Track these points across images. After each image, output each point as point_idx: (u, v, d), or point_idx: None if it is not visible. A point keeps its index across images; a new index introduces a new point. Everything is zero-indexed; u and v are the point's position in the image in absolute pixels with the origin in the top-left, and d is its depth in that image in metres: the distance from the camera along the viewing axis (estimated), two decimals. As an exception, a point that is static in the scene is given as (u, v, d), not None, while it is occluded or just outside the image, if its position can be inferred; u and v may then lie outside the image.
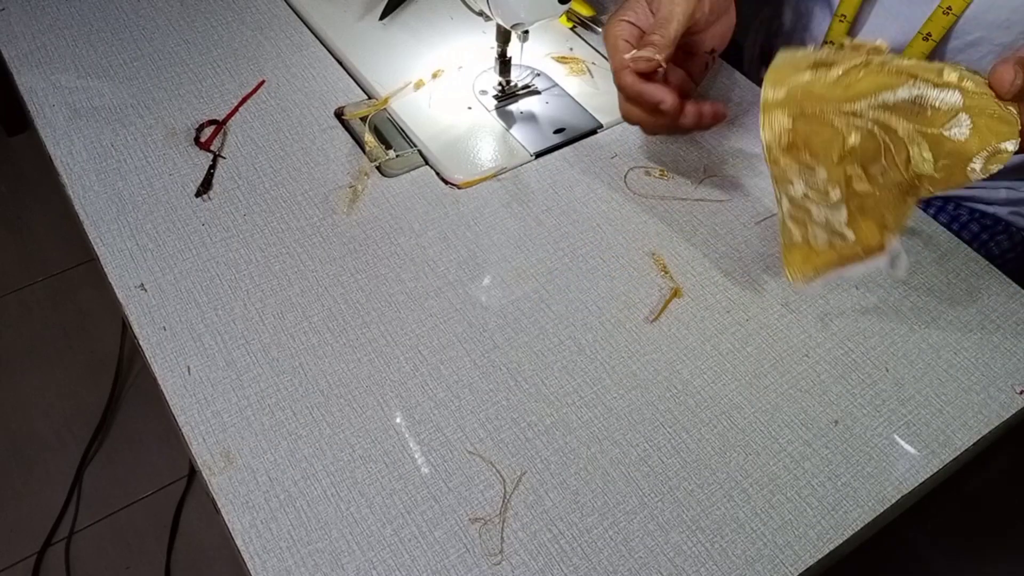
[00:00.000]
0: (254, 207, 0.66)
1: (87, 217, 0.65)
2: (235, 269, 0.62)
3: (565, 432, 0.55)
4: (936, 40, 0.69)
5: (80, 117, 0.72)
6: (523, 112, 0.75)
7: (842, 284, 0.64)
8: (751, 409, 0.57)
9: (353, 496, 0.52)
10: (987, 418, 0.57)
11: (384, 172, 0.70)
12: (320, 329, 0.59)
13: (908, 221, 0.58)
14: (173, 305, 0.60)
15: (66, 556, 1.23)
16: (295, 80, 0.76)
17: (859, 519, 0.52)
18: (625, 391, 0.57)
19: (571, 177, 0.70)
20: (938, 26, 0.69)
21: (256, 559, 0.49)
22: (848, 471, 0.54)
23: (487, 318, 0.60)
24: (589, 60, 0.80)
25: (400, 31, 0.82)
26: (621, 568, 0.50)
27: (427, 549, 0.50)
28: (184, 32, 0.80)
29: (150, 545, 1.24)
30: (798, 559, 0.50)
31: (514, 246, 0.65)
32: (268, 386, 0.56)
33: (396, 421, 0.55)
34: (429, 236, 0.65)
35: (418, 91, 0.76)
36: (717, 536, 0.51)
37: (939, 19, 0.68)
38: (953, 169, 0.52)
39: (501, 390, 0.57)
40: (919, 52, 0.68)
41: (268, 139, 0.71)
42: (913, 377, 0.59)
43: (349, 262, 0.63)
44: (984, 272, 0.65)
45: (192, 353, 0.57)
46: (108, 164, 0.69)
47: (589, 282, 0.63)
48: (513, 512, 0.51)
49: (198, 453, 0.53)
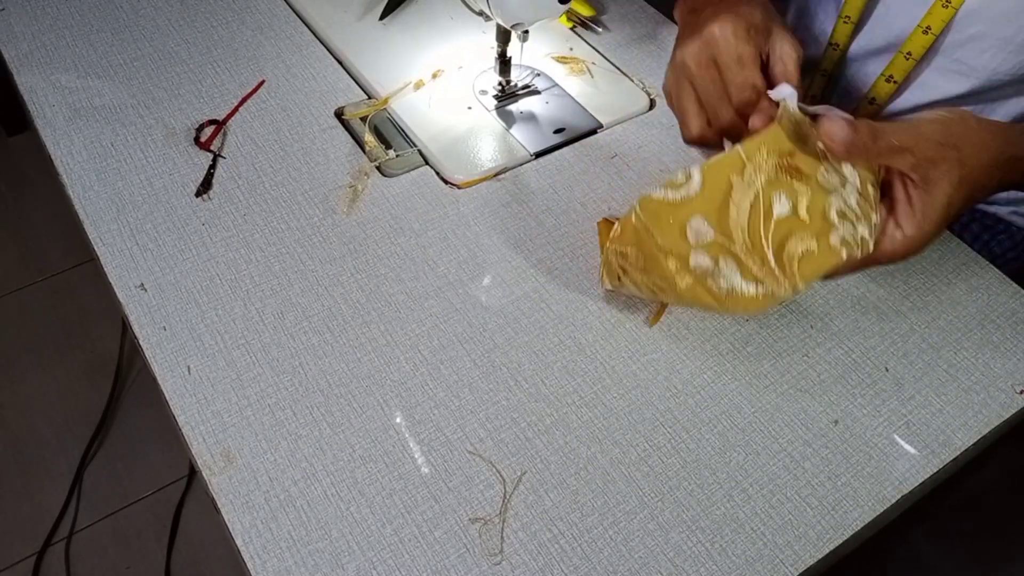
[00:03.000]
0: (254, 207, 0.66)
1: (87, 217, 0.65)
2: (235, 269, 0.62)
3: (565, 432, 0.55)
4: (935, 33, 0.69)
5: (80, 117, 0.72)
6: (523, 112, 0.75)
7: (842, 284, 0.64)
8: (751, 409, 0.57)
9: (353, 496, 0.52)
10: (987, 418, 0.57)
11: (384, 172, 0.70)
12: (320, 329, 0.59)
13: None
14: (173, 305, 0.60)
15: (66, 556, 1.23)
16: (295, 80, 0.76)
17: (859, 519, 0.52)
18: (625, 391, 0.57)
19: (571, 177, 0.70)
20: (937, 19, 0.69)
21: (256, 559, 0.49)
22: (848, 471, 0.54)
23: (487, 318, 0.60)
24: (589, 60, 0.80)
25: (400, 31, 0.82)
26: (621, 568, 0.50)
27: (427, 549, 0.50)
28: (184, 32, 0.80)
29: (150, 545, 1.24)
30: (798, 559, 0.50)
31: (514, 246, 0.65)
32: (268, 386, 0.56)
33: (396, 421, 0.55)
34: (429, 236, 0.65)
35: (418, 91, 0.76)
36: (717, 536, 0.51)
37: (938, 12, 0.68)
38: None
39: (501, 390, 0.57)
40: (918, 45, 0.68)
41: (268, 139, 0.71)
42: (913, 377, 0.59)
43: (349, 262, 0.63)
44: (984, 272, 0.65)
45: (192, 353, 0.57)
46: (108, 164, 0.69)
47: (589, 282, 0.63)
48: (513, 512, 0.51)
49: (198, 453, 0.53)
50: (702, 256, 0.53)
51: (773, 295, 0.53)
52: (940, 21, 0.68)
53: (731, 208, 0.53)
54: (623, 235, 0.56)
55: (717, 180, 0.53)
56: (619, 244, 0.57)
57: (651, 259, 0.55)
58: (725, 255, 0.53)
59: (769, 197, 0.53)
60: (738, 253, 0.53)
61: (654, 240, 0.54)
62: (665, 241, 0.54)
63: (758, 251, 0.53)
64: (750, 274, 0.53)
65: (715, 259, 0.53)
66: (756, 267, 0.53)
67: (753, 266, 0.53)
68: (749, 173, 0.53)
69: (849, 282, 0.64)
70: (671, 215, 0.53)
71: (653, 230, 0.54)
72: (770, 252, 0.53)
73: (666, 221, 0.53)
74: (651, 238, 0.54)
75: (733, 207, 0.53)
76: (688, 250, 0.53)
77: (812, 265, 0.53)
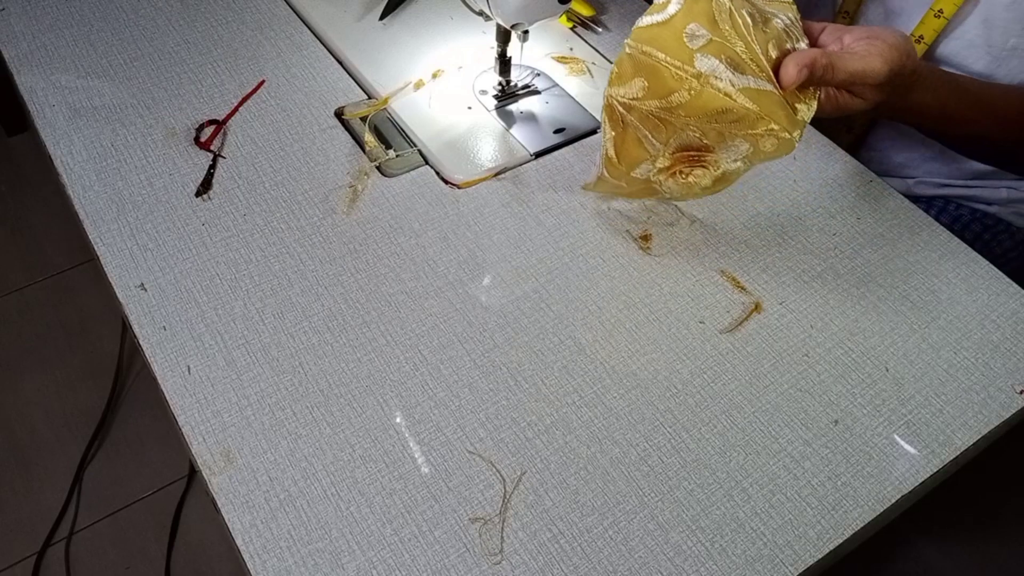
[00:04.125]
0: (254, 207, 0.66)
1: (87, 217, 0.65)
2: (235, 269, 0.62)
3: (565, 432, 0.55)
4: (928, 43, 0.69)
5: (80, 117, 0.72)
6: (523, 112, 0.75)
7: (842, 284, 0.64)
8: (751, 409, 0.57)
9: (353, 496, 0.52)
10: (987, 418, 0.57)
11: (384, 172, 0.70)
12: (320, 329, 0.59)
13: None
14: (173, 305, 0.60)
15: (66, 556, 1.22)
16: (295, 80, 0.76)
17: (859, 519, 0.52)
18: (625, 391, 0.57)
19: (571, 177, 0.70)
20: (929, 29, 0.69)
21: (256, 559, 0.49)
22: (848, 471, 0.54)
23: (487, 318, 0.60)
24: (589, 60, 0.80)
25: (400, 31, 0.82)
26: (621, 568, 0.50)
27: (427, 549, 0.50)
28: (184, 32, 0.80)
29: (150, 545, 1.24)
30: (798, 559, 0.50)
31: (514, 246, 0.65)
32: (268, 386, 0.56)
33: (396, 421, 0.55)
34: (429, 236, 0.65)
35: (418, 91, 0.76)
36: (717, 536, 0.51)
37: (930, 22, 0.69)
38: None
39: (501, 390, 0.57)
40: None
41: (268, 139, 0.71)
42: (913, 377, 0.59)
43: (349, 262, 0.63)
44: (984, 272, 0.65)
45: (192, 353, 0.57)
46: (108, 164, 0.69)
47: (589, 282, 0.63)
48: (513, 512, 0.51)
49: (198, 453, 0.53)
50: (706, 58, 0.54)
51: (775, 110, 0.54)
52: (932, 31, 0.69)
53: (716, 17, 0.54)
54: (622, 72, 0.57)
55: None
56: (619, 83, 0.57)
57: (656, 77, 0.55)
58: (729, 53, 0.54)
59: (740, 9, 0.55)
60: (740, 52, 0.54)
61: (656, 58, 0.55)
62: (669, 51, 0.54)
63: (751, 51, 0.54)
64: (755, 71, 0.54)
65: (720, 56, 0.54)
66: (757, 67, 0.54)
67: (753, 64, 0.54)
68: None
69: (849, 282, 0.64)
70: (664, 31, 0.55)
71: (652, 50, 0.55)
72: (762, 54, 0.55)
73: (662, 37, 0.55)
74: (651, 57, 0.55)
75: (718, 15, 0.54)
76: (691, 55, 0.54)
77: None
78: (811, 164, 0.72)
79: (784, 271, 0.64)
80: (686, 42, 0.54)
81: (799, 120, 0.55)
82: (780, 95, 0.55)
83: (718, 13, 0.54)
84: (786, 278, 0.64)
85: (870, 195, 0.70)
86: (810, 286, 0.63)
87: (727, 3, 0.55)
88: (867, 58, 0.55)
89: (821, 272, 0.64)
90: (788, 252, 0.66)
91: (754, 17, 0.55)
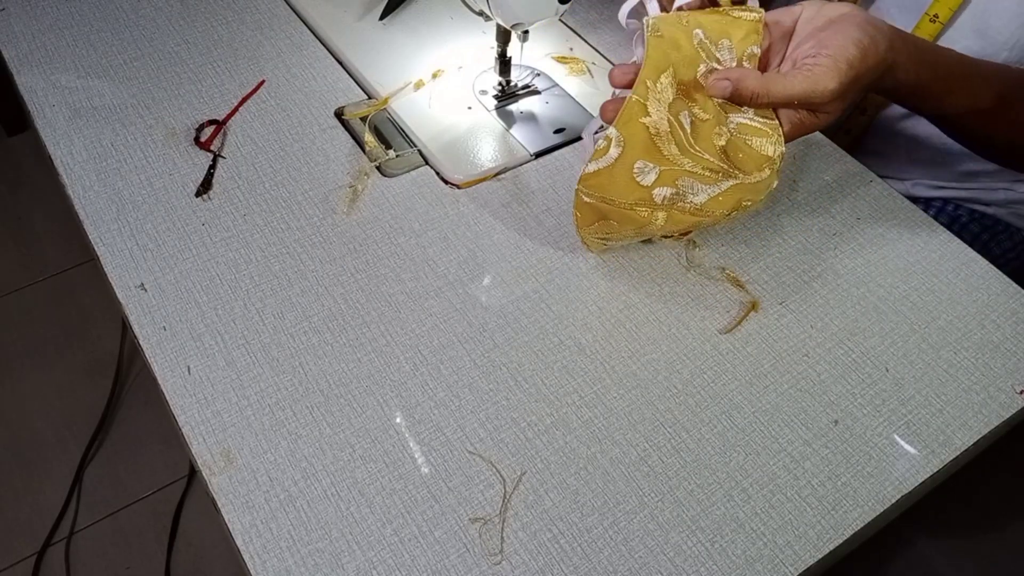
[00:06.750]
0: (254, 207, 0.66)
1: (87, 217, 0.65)
2: (235, 269, 0.62)
3: (565, 432, 0.55)
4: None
5: (80, 117, 0.72)
6: (523, 112, 0.75)
7: (842, 284, 0.64)
8: (751, 409, 0.57)
9: (353, 496, 0.52)
10: (987, 418, 0.57)
11: (384, 172, 0.70)
12: (320, 329, 0.59)
13: None
14: (173, 305, 0.60)
15: (66, 556, 1.23)
16: (295, 80, 0.76)
17: (859, 519, 0.52)
18: (625, 391, 0.57)
19: (571, 177, 0.70)
20: (924, 33, 0.69)
21: (256, 559, 0.49)
22: (848, 471, 0.54)
23: (487, 318, 0.60)
24: (589, 60, 0.80)
25: (400, 31, 0.82)
26: (621, 568, 0.50)
27: (427, 549, 0.50)
28: (184, 32, 0.80)
29: (150, 545, 1.24)
30: (798, 559, 0.50)
31: (514, 246, 0.65)
32: (268, 386, 0.56)
33: (396, 421, 0.55)
34: (429, 236, 0.65)
35: (418, 91, 0.76)
36: (717, 536, 0.51)
37: (925, 27, 0.69)
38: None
39: (501, 390, 0.57)
40: None
41: (268, 139, 0.71)
42: (913, 377, 0.59)
43: (349, 262, 0.63)
44: (984, 272, 0.65)
45: (192, 353, 0.57)
46: (108, 164, 0.69)
47: (589, 282, 0.63)
48: (513, 512, 0.51)
49: (198, 453, 0.53)
50: (662, 189, 0.55)
51: (744, 183, 0.55)
52: (928, 36, 0.69)
53: (658, 144, 0.55)
54: (584, 217, 0.59)
55: (632, 129, 0.55)
56: (585, 224, 0.60)
57: (622, 217, 0.57)
58: (681, 176, 0.55)
59: (679, 117, 0.55)
60: (690, 170, 0.55)
61: (613, 203, 0.56)
62: (623, 196, 0.56)
63: (702, 161, 0.55)
64: (711, 179, 0.55)
65: (674, 184, 0.55)
66: (711, 173, 0.55)
67: (708, 173, 0.55)
68: (652, 108, 0.55)
69: (849, 282, 0.64)
70: (613, 175, 0.55)
71: (607, 195, 0.56)
72: (712, 157, 0.55)
73: (613, 183, 0.56)
74: (610, 203, 0.56)
75: (659, 141, 0.55)
76: (647, 192, 0.55)
77: (757, 138, 0.55)
78: (811, 164, 0.72)
79: (784, 271, 0.64)
80: (638, 180, 0.55)
81: (768, 176, 0.55)
82: (741, 179, 0.55)
83: (657, 138, 0.54)
84: (786, 278, 0.64)
85: (870, 195, 0.70)
86: (810, 286, 0.63)
87: (664, 118, 0.55)
88: (813, 77, 0.52)
89: (821, 272, 0.64)
90: (788, 252, 0.66)
91: (691, 110, 0.55)
